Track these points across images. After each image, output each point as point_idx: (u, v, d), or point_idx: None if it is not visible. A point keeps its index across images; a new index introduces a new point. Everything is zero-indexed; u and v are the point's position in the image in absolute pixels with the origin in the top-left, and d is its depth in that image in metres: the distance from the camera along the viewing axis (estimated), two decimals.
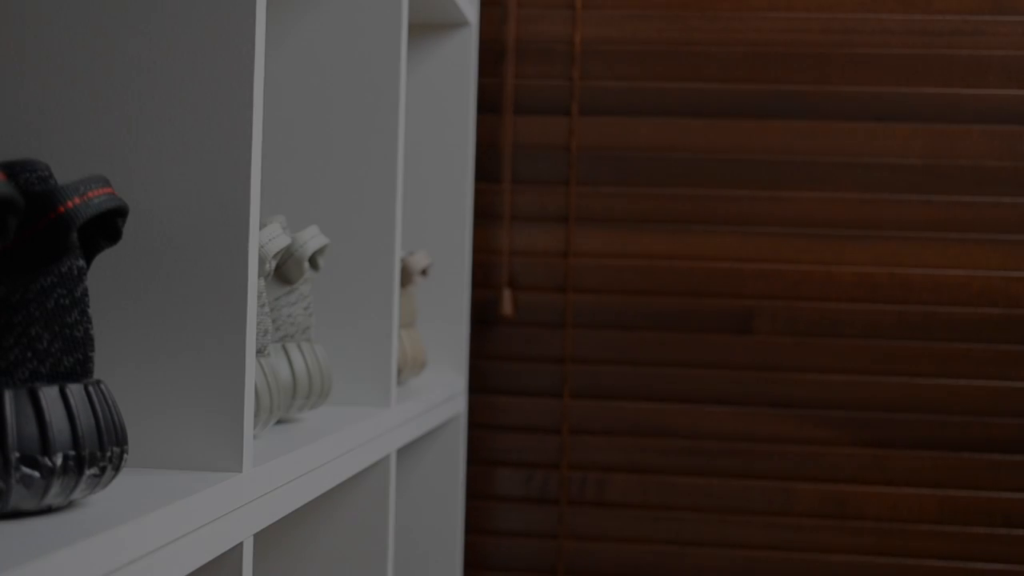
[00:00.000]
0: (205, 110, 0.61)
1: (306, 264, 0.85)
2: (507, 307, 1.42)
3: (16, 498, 0.46)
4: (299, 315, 0.84)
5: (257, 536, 0.98)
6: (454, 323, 1.36)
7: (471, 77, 1.36)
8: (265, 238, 0.77)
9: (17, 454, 0.45)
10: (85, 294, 0.51)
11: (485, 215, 1.44)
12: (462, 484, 1.36)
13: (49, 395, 0.47)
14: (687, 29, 1.42)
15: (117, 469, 0.50)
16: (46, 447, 0.46)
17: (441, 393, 1.22)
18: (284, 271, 0.83)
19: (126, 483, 0.56)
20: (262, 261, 0.76)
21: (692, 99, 1.42)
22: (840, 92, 1.39)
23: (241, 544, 0.62)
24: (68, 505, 0.50)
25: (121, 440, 0.50)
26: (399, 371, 1.11)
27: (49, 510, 0.49)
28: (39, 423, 0.46)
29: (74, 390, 0.48)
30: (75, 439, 0.47)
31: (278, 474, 0.67)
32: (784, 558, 1.39)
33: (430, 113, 1.35)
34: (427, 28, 1.35)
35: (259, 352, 0.74)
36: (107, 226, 0.52)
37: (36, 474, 0.46)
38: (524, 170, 1.44)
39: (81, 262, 0.51)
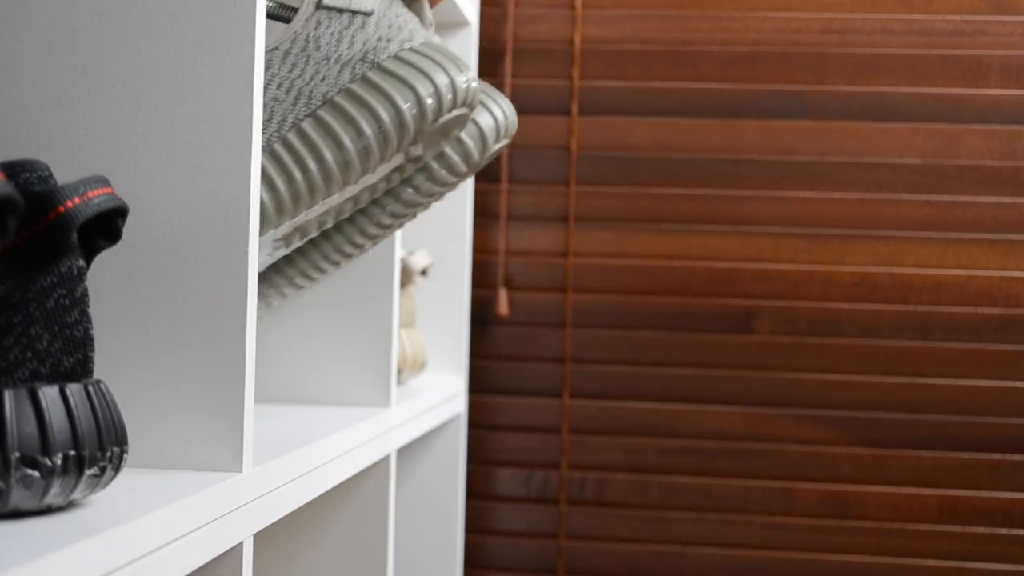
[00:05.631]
0: (205, 110, 0.61)
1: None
2: (503, 307, 1.42)
3: (16, 498, 0.46)
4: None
5: (257, 536, 0.98)
6: (454, 323, 1.36)
7: None
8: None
9: (17, 454, 0.45)
10: (85, 294, 0.51)
11: (485, 215, 1.44)
12: (462, 484, 1.36)
13: (49, 395, 0.47)
14: (687, 29, 1.41)
15: (117, 469, 0.50)
16: (46, 447, 0.46)
17: (441, 393, 1.22)
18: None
19: (126, 483, 0.56)
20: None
21: (692, 99, 1.42)
22: (840, 92, 1.39)
23: (241, 544, 0.62)
24: (68, 505, 0.50)
25: (121, 440, 0.50)
26: (399, 371, 1.11)
27: (49, 510, 0.49)
28: (39, 423, 0.46)
29: (74, 390, 0.48)
30: (75, 439, 0.47)
31: (278, 474, 0.67)
32: (784, 558, 1.39)
33: None
34: None
35: None
36: (107, 226, 0.52)
37: (36, 474, 0.46)
38: (524, 170, 1.44)
39: (81, 262, 0.51)
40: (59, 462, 0.46)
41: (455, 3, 1.26)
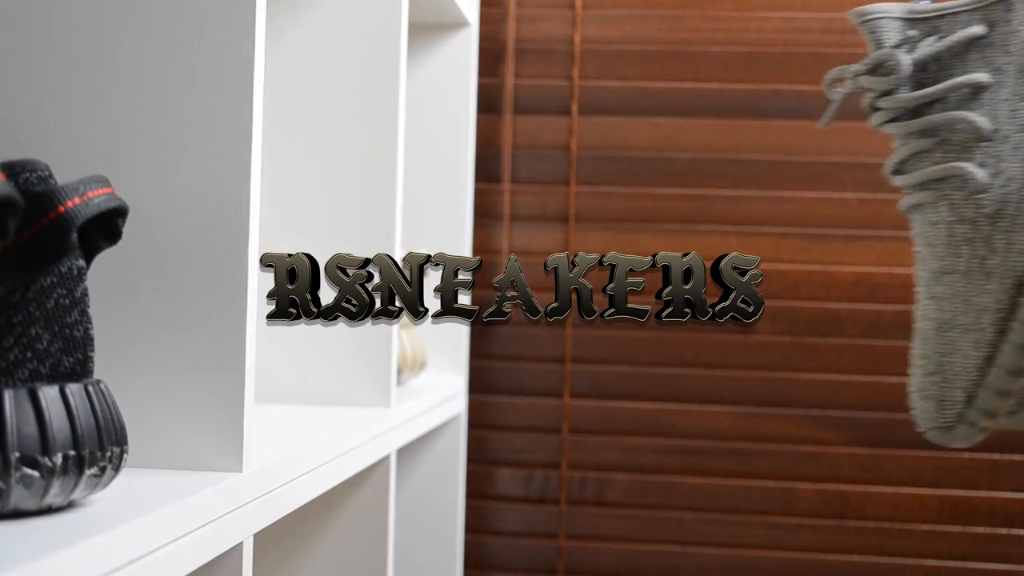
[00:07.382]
0: (205, 110, 0.61)
1: None
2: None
3: (16, 498, 0.46)
4: None
5: (257, 536, 0.98)
6: (454, 323, 1.36)
7: (471, 77, 1.36)
8: None
9: (17, 454, 0.45)
10: (85, 294, 0.51)
11: (485, 215, 1.44)
12: (462, 484, 1.36)
13: (49, 395, 0.47)
14: (687, 29, 1.41)
15: (117, 469, 0.50)
16: (46, 447, 0.46)
17: (441, 393, 1.22)
18: None
19: (126, 483, 0.56)
20: None
21: (692, 99, 1.42)
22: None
23: (241, 544, 0.62)
24: (68, 505, 0.50)
25: (121, 440, 0.50)
26: (399, 371, 1.11)
27: (49, 510, 0.49)
28: (39, 423, 0.46)
29: (74, 390, 0.48)
30: (75, 439, 0.47)
31: (278, 474, 0.67)
32: (784, 558, 1.39)
33: (430, 113, 1.35)
34: (427, 28, 1.35)
35: None
36: (107, 226, 0.52)
37: (36, 474, 0.46)
38: (524, 170, 1.44)
39: (81, 262, 0.51)
40: (59, 462, 0.46)
41: (455, 3, 1.26)
